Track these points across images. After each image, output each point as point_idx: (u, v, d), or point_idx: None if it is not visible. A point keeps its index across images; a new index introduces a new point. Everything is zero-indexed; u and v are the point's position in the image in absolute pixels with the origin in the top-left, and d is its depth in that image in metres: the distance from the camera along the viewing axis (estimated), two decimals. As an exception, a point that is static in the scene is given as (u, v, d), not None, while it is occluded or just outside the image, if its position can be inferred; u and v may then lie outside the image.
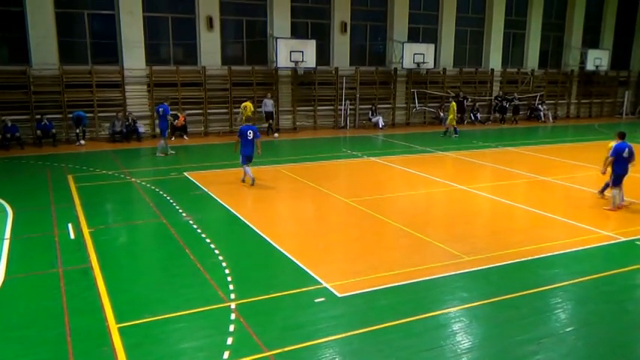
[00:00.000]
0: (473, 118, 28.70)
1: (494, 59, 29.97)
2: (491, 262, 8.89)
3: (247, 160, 14.02)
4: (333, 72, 25.85)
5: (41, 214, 11.39)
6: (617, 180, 11.97)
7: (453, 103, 24.22)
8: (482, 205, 12.89)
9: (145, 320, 6.87)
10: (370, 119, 26.61)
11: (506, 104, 29.20)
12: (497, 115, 29.42)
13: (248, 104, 22.13)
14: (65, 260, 8.85)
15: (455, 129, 23.92)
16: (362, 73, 26.48)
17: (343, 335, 6.55)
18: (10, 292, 7.70)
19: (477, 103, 29.15)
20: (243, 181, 14.17)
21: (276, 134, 23.23)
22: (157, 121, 20.04)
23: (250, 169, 14.06)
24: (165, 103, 18.35)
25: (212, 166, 16.63)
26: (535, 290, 7.88)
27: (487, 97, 29.94)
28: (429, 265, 8.75)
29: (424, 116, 28.57)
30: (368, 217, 11.51)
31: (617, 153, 11.79)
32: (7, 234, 10.15)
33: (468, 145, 21.39)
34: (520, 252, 9.38)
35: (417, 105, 27.91)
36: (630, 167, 12.10)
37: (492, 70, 29.88)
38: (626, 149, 11.77)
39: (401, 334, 6.59)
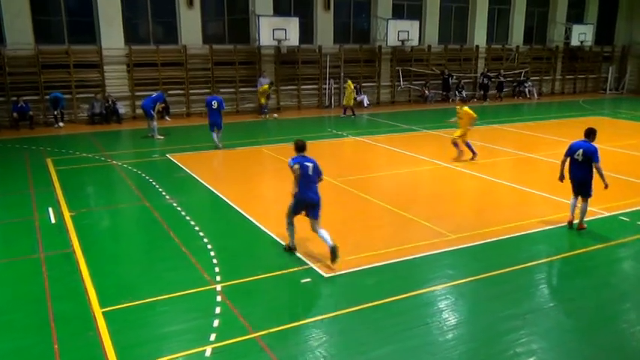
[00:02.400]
0: (458, 95, 28.73)
1: (480, 35, 29.93)
2: (477, 240, 8.99)
3: (212, 126, 16.00)
4: (317, 50, 25.65)
5: (20, 199, 11.25)
6: (573, 188, 9.41)
7: (350, 82, 23.58)
8: (467, 183, 12.98)
9: (129, 304, 6.85)
10: (355, 98, 26.52)
11: (487, 82, 29.19)
12: (481, 92, 29.50)
13: (266, 87, 22.74)
14: (47, 245, 8.77)
15: (352, 110, 23.41)
16: (346, 51, 26.31)
17: (330, 315, 6.61)
18: (-9, 279, 7.63)
19: (462, 81, 29.17)
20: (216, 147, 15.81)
21: (275, 115, 23.06)
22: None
23: (216, 135, 15.95)
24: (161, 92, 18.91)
25: (195, 147, 16.49)
26: (520, 267, 8.00)
27: (472, 75, 29.97)
28: (414, 244, 8.82)
29: (409, 94, 28.54)
30: (353, 196, 11.53)
31: (570, 150, 9.27)
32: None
33: (454, 124, 21.42)
34: (505, 229, 9.48)
35: (401, 83, 27.86)
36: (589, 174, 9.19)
37: (477, 46, 29.85)
38: (580, 150, 9.06)
39: (387, 312, 6.66)
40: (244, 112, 24.10)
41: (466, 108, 14.80)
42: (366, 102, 26.19)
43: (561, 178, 9.40)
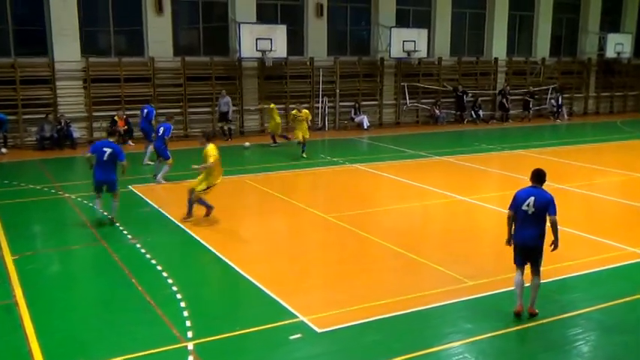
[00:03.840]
0: (474, 115, 29.08)
1: (499, 46, 30.44)
2: (499, 287, 8.95)
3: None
4: (308, 63, 25.98)
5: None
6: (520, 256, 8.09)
7: (272, 105, 22.20)
8: (487, 220, 13.02)
9: (82, 367, 6.77)
10: (353, 119, 26.76)
11: (504, 100, 29.50)
12: (500, 112, 29.81)
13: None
14: None
15: (274, 138, 22.25)
16: (342, 64, 26.65)
17: (325, 379, 6.55)
18: None
19: (480, 99, 29.54)
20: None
21: (247, 143, 22.09)
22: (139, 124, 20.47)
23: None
24: (151, 105, 19.07)
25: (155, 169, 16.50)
26: (551, 319, 7.96)
27: (491, 91, 30.35)
28: (425, 292, 8.78)
29: (417, 115, 28.84)
30: (351, 235, 11.53)
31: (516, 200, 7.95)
32: None
33: (470, 149, 21.65)
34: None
35: (407, 101, 28.17)
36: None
37: (496, 59, 30.34)
38: (531, 199, 7.76)
39: (393, 375, 6.60)
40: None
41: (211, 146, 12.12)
42: (366, 124, 26.42)
43: (510, 241, 8.06)
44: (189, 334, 7.44)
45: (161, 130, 16.02)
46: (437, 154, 20.34)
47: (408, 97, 28.15)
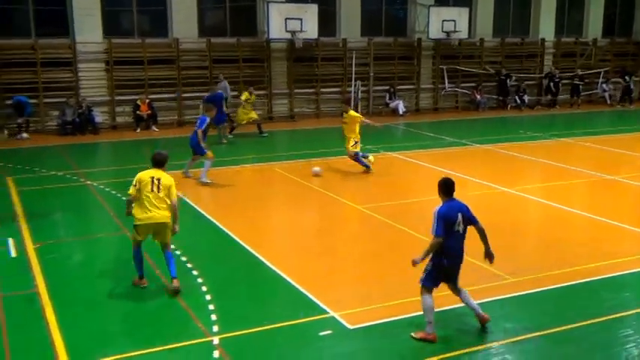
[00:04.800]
0: (519, 101, 28.71)
1: (546, 26, 29.98)
2: (543, 285, 8.91)
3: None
4: (341, 44, 25.93)
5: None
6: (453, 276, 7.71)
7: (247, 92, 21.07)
8: (530, 212, 12.91)
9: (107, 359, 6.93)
10: (388, 104, 26.65)
11: (551, 84, 29.08)
12: (549, 97, 29.40)
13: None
14: (5, 284, 8.90)
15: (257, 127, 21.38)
16: (377, 45, 26.55)
17: (356, 378, 6.61)
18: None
19: (524, 83, 29.15)
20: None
21: (230, 135, 20.69)
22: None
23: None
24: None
25: (186, 164, 16.67)
26: (599, 319, 7.88)
27: (536, 75, 29.92)
28: (464, 287, 8.75)
29: (456, 99, 28.59)
30: (386, 227, 11.54)
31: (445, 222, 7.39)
32: None
33: (513, 136, 21.41)
34: (580, 271, 9.38)
35: (447, 85, 27.94)
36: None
37: (543, 40, 29.89)
38: (459, 215, 7.50)
39: (428, 375, 6.62)
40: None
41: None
42: (401, 109, 26.29)
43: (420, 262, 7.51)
44: (215, 329, 7.54)
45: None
46: (478, 142, 20.18)
47: (447, 81, 27.94)
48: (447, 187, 7.53)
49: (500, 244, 10.63)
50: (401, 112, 26.21)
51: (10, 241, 10.66)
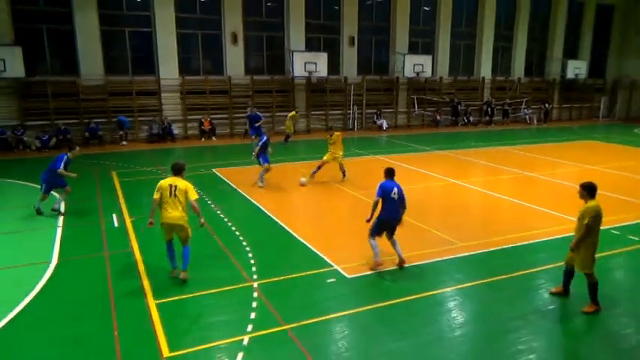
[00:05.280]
0: (466, 120, 28.45)
1: (485, 68, 29.62)
2: (482, 248, 8.82)
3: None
4: (343, 80, 25.73)
5: (89, 205, 11.49)
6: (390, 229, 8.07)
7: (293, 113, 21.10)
8: (474, 198, 12.78)
9: (179, 297, 6.91)
10: (375, 122, 26.47)
11: (489, 109, 28.89)
12: (486, 118, 29.12)
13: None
14: (110, 245, 8.93)
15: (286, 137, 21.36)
16: (368, 81, 26.33)
17: (352, 311, 6.54)
18: (64, 273, 7.79)
19: (470, 108, 28.86)
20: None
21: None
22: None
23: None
24: (254, 111, 18.80)
25: (237, 163, 16.65)
26: (521, 272, 7.80)
27: (478, 102, 29.62)
28: (427, 250, 8.69)
29: (423, 119, 28.33)
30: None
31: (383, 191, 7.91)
32: (60, 222, 10.26)
33: (462, 145, 21.21)
34: (508, 239, 9.28)
35: (416, 109, 27.69)
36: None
37: (483, 78, 29.54)
38: (395, 189, 7.91)
39: (403, 310, 6.56)
40: (280, 133, 24.27)
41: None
42: (385, 125, 26.10)
43: (370, 219, 7.89)
44: (255, 276, 7.53)
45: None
46: (438, 149, 19.98)
47: (416, 106, 27.64)
48: (389, 172, 8.11)
49: (452, 219, 10.58)
50: (384, 128, 25.98)
51: (114, 215, 10.68)
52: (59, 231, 9.68)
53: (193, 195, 7.34)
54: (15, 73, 18.74)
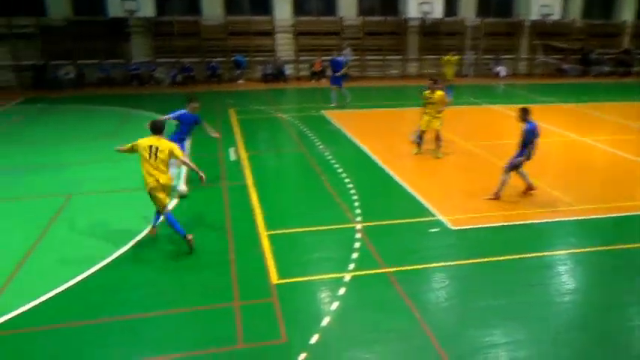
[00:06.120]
0: (598, 71, 25.36)
1: (628, 10, 25.82)
2: (602, 213, 8.09)
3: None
4: (460, 23, 24.09)
5: (209, 140, 12.29)
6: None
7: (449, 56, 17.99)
8: (598, 158, 11.62)
9: (287, 230, 7.33)
10: (493, 69, 24.69)
11: (626, 59, 25.24)
12: (625, 68, 25.67)
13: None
14: (228, 177, 9.61)
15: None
16: (487, 24, 24.39)
17: (453, 263, 6.49)
18: (190, 199, 8.57)
19: (605, 56, 25.60)
20: None
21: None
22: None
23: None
24: (340, 57, 16.51)
25: (344, 106, 16.67)
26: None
27: (614, 51, 26.11)
28: (540, 210, 8.20)
29: (546, 68, 25.82)
30: (485, 160, 10.95)
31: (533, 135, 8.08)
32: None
33: (590, 98, 19.11)
34: (634, 205, 8.40)
35: (542, 57, 25.22)
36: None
37: (624, 22, 25.86)
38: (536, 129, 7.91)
39: (508, 268, 6.35)
40: (390, 77, 23.73)
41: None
42: (503, 73, 24.27)
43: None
44: (358, 218, 7.70)
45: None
46: (561, 102, 18.25)
47: (541, 52, 25.17)
48: (525, 112, 8.21)
49: (570, 179, 9.79)
50: (502, 75, 24.19)
51: (231, 149, 11.39)
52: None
53: (179, 153, 6.54)
54: (147, 12, 20.14)
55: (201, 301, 5.60)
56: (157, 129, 6.58)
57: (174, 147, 6.60)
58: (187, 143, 9.17)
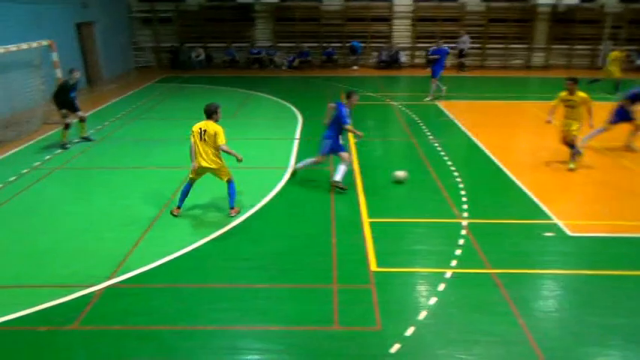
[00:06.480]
0: None
1: None
2: None
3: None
4: (599, 8, 21.67)
5: (320, 124, 12.60)
6: None
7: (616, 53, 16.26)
8: None
9: (389, 220, 7.30)
10: (635, 61, 21.89)
11: None
12: None
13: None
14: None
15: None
16: (631, 10, 21.60)
17: (568, 272, 5.99)
18: (298, 179, 8.86)
19: None
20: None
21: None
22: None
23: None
24: (445, 47, 15.40)
25: (460, 97, 16.00)
26: None
27: None
28: (679, 223, 7.22)
29: None
30: (613, 162, 9.87)
31: None
32: (298, 135, 11.61)
33: None
34: None
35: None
36: None
37: None
38: None
39: (631, 284, 5.71)
40: (513, 67, 22.24)
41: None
42: (646, 66, 21.46)
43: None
44: (465, 214, 7.42)
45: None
46: None
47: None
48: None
49: None
50: (644, 69, 21.40)
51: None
52: (296, 143, 11.00)
53: (221, 140, 6.88)
54: (273, -2, 21.01)
55: (302, 280, 5.82)
56: (206, 112, 7.01)
57: (220, 131, 6.92)
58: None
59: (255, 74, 20.59)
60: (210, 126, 6.95)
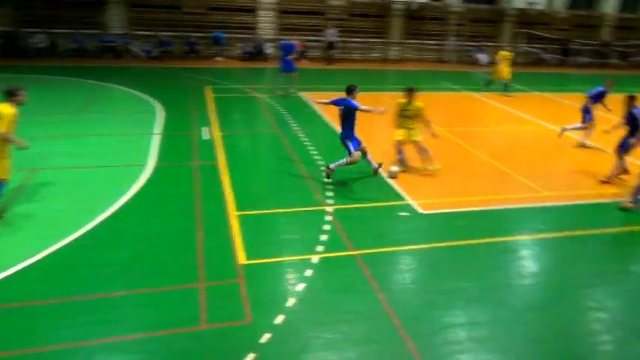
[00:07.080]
0: (575, 61, 25.73)
1: (609, 2, 26.15)
2: (569, 200, 8.32)
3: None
4: (445, 8, 24.06)
5: (183, 117, 12.19)
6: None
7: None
8: (569, 147, 11.87)
9: (257, 212, 7.32)
10: (474, 55, 24.80)
11: (604, 51, 25.70)
12: (601, 60, 26.10)
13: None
14: (200, 157, 9.52)
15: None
16: (471, 10, 24.41)
17: (421, 246, 6.60)
18: (159, 177, 8.49)
19: (584, 47, 25.95)
20: None
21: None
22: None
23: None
24: (293, 42, 15.81)
25: (326, 88, 16.60)
26: (607, 230, 7.32)
27: (594, 42, 26.48)
28: (507, 195, 8.38)
29: (527, 57, 26.07)
30: (457, 146, 11.08)
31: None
32: (160, 130, 11.05)
33: (567, 88, 19.42)
34: (601, 193, 8.64)
35: (524, 45, 25.42)
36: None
37: (603, 14, 26.19)
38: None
39: (472, 252, 6.50)
40: (372, 60, 23.66)
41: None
42: (485, 60, 24.41)
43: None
44: (329, 201, 7.74)
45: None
46: (538, 90, 18.51)
47: (523, 41, 25.38)
48: (632, 99, 9.21)
49: (540, 167, 9.98)
50: (483, 63, 24.33)
51: (204, 129, 11.27)
52: (157, 138, 10.47)
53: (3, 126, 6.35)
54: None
55: (165, 282, 5.58)
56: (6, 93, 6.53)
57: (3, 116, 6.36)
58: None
59: (108, 64, 19.09)
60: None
